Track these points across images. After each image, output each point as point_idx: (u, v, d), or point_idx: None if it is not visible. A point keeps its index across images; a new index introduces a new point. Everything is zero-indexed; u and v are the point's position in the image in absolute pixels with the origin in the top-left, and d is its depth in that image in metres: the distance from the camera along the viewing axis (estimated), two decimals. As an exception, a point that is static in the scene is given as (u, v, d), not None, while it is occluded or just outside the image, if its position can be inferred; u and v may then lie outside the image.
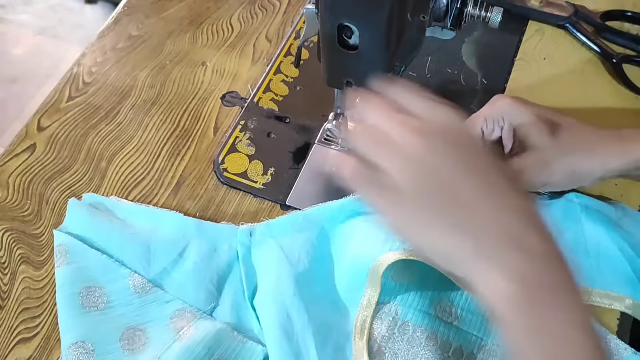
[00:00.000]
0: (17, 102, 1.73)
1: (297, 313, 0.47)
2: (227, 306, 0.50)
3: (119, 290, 0.50)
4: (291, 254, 0.50)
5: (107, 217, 0.53)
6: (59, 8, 1.99)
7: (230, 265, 0.51)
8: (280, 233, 0.51)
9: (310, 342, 0.46)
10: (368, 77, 0.47)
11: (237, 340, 0.47)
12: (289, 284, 0.48)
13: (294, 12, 0.71)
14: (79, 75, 0.66)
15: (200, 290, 0.50)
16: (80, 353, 0.46)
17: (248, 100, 0.63)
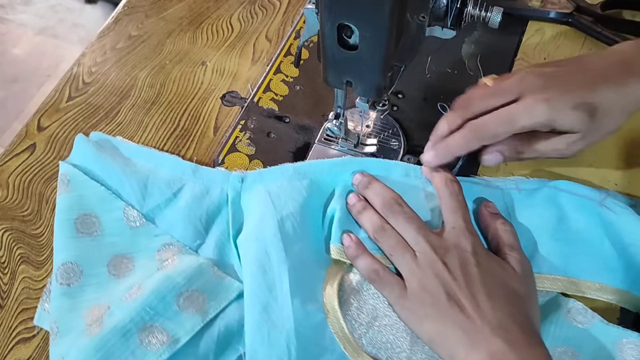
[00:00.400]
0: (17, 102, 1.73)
1: (275, 250, 0.49)
2: (212, 244, 0.52)
3: (112, 221, 0.53)
4: (278, 199, 0.52)
5: (110, 153, 0.57)
6: (59, 8, 1.99)
7: (220, 207, 0.54)
8: (270, 180, 0.54)
9: (284, 278, 0.48)
10: (368, 77, 0.47)
11: (216, 275, 0.50)
12: (271, 224, 0.50)
13: (294, 12, 0.71)
14: (79, 75, 0.66)
15: (189, 228, 0.53)
16: (69, 272, 0.50)
17: (248, 100, 0.63)
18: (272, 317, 0.46)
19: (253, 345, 0.45)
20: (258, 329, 0.46)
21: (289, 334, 0.45)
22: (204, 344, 0.47)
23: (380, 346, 0.47)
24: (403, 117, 0.61)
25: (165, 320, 0.47)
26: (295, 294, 0.47)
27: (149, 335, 0.46)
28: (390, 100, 0.60)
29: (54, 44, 1.88)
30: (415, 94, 0.62)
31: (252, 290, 0.47)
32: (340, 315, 0.47)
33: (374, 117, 0.60)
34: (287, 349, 0.45)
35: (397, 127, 0.59)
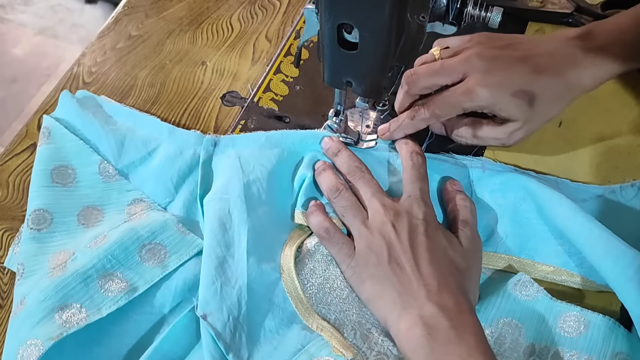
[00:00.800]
0: (17, 102, 1.73)
1: (237, 211, 0.50)
2: (180, 203, 0.54)
3: (87, 174, 0.55)
4: (246, 164, 0.54)
5: (93, 111, 0.59)
6: (59, 8, 1.99)
7: (191, 168, 0.56)
8: (242, 146, 0.56)
9: (243, 236, 0.49)
10: (368, 77, 0.47)
11: (180, 231, 0.52)
12: (236, 186, 0.52)
13: (294, 12, 0.71)
14: (79, 75, 0.66)
15: (160, 186, 0.55)
16: (40, 218, 0.52)
17: (248, 100, 0.63)
18: (226, 273, 0.48)
19: (205, 297, 0.47)
20: (212, 282, 0.47)
21: (241, 288, 0.47)
22: (161, 295, 0.49)
23: (329, 308, 0.48)
24: (403, 117, 0.60)
25: (126, 269, 0.49)
26: (252, 253, 0.49)
27: (108, 282, 0.48)
28: (390, 100, 0.60)
29: (53, 44, 1.88)
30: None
31: (210, 246, 0.49)
32: (294, 275, 0.49)
33: (374, 117, 0.59)
34: (237, 302, 0.46)
35: (397, 127, 0.59)
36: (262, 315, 0.47)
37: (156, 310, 0.48)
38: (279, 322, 0.48)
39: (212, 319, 0.45)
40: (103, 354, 0.47)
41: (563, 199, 0.50)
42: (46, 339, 0.44)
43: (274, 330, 0.47)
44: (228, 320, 0.46)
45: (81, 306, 0.46)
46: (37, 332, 0.44)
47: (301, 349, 0.46)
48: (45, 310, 0.45)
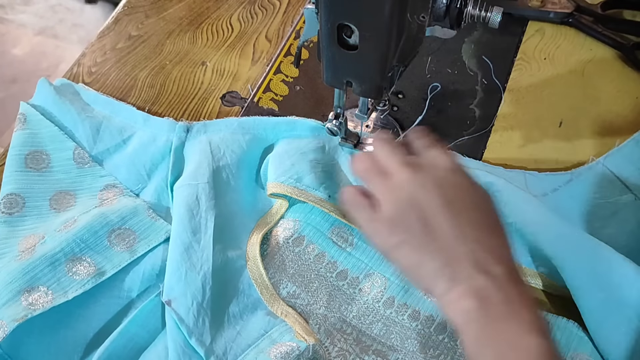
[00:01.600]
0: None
1: (205, 197, 0.51)
2: (152, 189, 0.55)
3: (61, 159, 0.55)
4: (217, 149, 0.54)
5: (70, 98, 0.60)
6: (59, 8, 1.99)
7: (164, 154, 0.56)
8: (214, 132, 0.56)
9: (210, 223, 0.50)
10: (368, 77, 0.47)
11: (150, 217, 0.52)
12: (205, 172, 0.52)
13: (294, 12, 0.71)
14: (79, 75, 0.66)
15: (133, 172, 0.56)
16: (12, 202, 0.52)
17: (248, 100, 0.63)
18: (192, 259, 0.48)
19: (170, 283, 0.47)
20: (177, 268, 0.47)
21: (205, 274, 0.47)
22: (129, 280, 0.49)
23: (296, 300, 0.49)
24: (403, 117, 0.61)
25: (94, 253, 0.49)
26: (218, 240, 0.49)
27: (76, 265, 0.48)
28: (390, 100, 0.60)
29: (53, 44, 1.88)
30: (415, 94, 0.62)
31: (177, 232, 0.49)
32: (260, 263, 0.49)
33: (374, 117, 0.59)
34: (202, 288, 0.47)
35: (397, 127, 0.59)
36: (227, 301, 0.48)
37: (124, 295, 0.49)
38: (243, 307, 0.48)
39: (175, 305, 0.46)
40: (70, 336, 0.47)
41: (528, 198, 0.50)
42: (10, 320, 0.44)
43: (238, 316, 0.48)
44: (192, 305, 0.46)
45: (47, 289, 0.47)
46: (3, 313, 0.45)
47: (264, 334, 0.47)
48: (11, 292, 0.46)
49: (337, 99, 0.53)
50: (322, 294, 0.49)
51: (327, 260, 0.51)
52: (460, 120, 0.60)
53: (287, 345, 0.45)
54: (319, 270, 0.50)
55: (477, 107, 0.61)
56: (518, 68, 0.64)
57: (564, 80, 0.63)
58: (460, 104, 0.61)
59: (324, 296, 0.49)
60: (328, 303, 0.49)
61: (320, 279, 0.50)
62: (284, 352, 0.45)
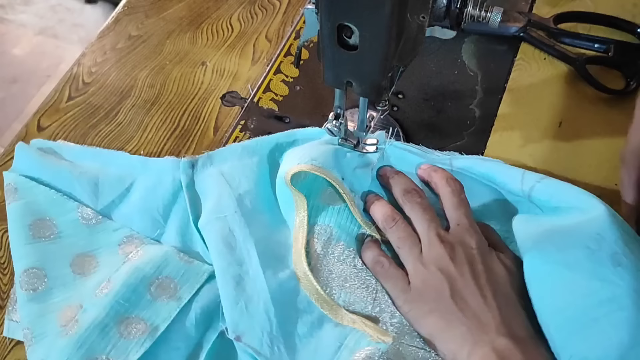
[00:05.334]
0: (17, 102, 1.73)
1: (238, 227, 0.50)
2: (173, 232, 0.53)
3: (68, 222, 0.52)
4: (232, 179, 0.53)
5: (54, 158, 0.56)
6: (59, 8, 1.99)
7: (175, 194, 0.54)
8: (220, 161, 0.55)
9: (252, 251, 0.49)
10: (368, 77, 0.47)
11: (184, 261, 0.50)
12: (229, 203, 0.51)
13: (294, 12, 0.71)
14: (78, 75, 0.66)
15: (147, 219, 0.53)
16: (33, 278, 0.49)
17: (248, 100, 0.63)
18: (247, 290, 0.47)
19: (233, 319, 0.46)
20: (235, 303, 0.46)
21: (266, 303, 0.47)
22: (183, 328, 0.48)
23: (355, 307, 0.49)
24: (403, 117, 0.61)
25: (140, 310, 0.47)
26: (266, 265, 0.48)
27: (127, 327, 0.46)
28: (390, 100, 0.60)
29: (53, 44, 1.88)
30: (415, 94, 0.62)
31: (222, 268, 0.48)
32: (312, 279, 0.48)
33: (374, 117, 0.59)
34: (267, 317, 0.46)
35: (397, 127, 0.59)
36: (293, 323, 0.47)
37: (182, 345, 0.47)
38: (310, 325, 0.47)
39: (246, 339, 0.45)
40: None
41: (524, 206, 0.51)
42: None
43: (309, 335, 0.47)
44: (262, 336, 0.45)
45: (107, 357, 0.45)
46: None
47: (340, 345, 0.46)
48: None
49: (337, 99, 0.53)
50: (370, 295, 0.49)
51: None
52: (460, 120, 0.60)
53: (367, 350, 0.45)
54: (362, 272, 0.50)
55: (477, 107, 0.61)
56: (518, 68, 0.64)
57: (564, 80, 0.63)
58: (460, 104, 0.61)
59: (372, 296, 0.49)
60: (379, 302, 0.48)
61: (364, 280, 0.50)
62: (365, 356, 0.44)
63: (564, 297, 0.43)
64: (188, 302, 0.48)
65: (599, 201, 0.47)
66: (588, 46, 0.65)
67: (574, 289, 0.43)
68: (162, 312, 0.47)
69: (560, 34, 0.65)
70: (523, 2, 0.69)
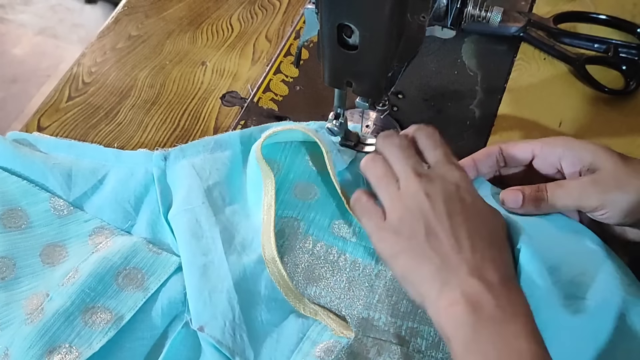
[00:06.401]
0: (17, 102, 1.73)
1: (205, 217, 0.50)
2: (144, 223, 0.53)
3: (39, 212, 0.53)
4: (202, 171, 0.53)
5: (28, 150, 0.56)
6: (59, 8, 1.99)
7: (147, 187, 0.54)
8: (192, 154, 0.55)
9: (217, 239, 0.49)
10: (368, 77, 0.47)
11: (152, 252, 0.50)
12: (198, 195, 0.51)
13: (294, 12, 0.71)
14: (78, 75, 0.66)
15: (118, 210, 0.53)
16: (2, 267, 0.50)
17: (248, 100, 0.63)
18: (211, 280, 0.47)
19: (197, 310, 0.46)
20: (199, 293, 0.47)
21: (229, 291, 0.47)
22: (148, 318, 0.48)
23: (320, 300, 0.49)
24: (403, 117, 0.61)
25: (106, 299, 0.48)
26: (230, 252, 0.49)
27: (92, 315, 0.47)
28: (390, 100, 0.60)
29: (53, 44, 1.88)
30: (415, 94, 0.62)
31: (188, 259, 0.49)
32: (280, 265, 0.48)
33: (374, 117, 0.59)
34: (229, 305, 0.46)
35: (397, 127, 0.59)
36: (256, 310, 0.48)
37: (148, 335, 0.47)
38: (273, 312, 0.48)
39: (209, 329, 0.45)
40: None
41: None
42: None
43: (272, 323, 0.47)
44: (225, 325, 0.45)
45: (70, 345, 0.45)
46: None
47: (303, 337, 0.46)
48: (33, 357, 0.44)
49: (337, 99, 0.53)
50: (341, 288, 0.49)
51: (336, 254, 0.51)
52: (460, 120, 0.60)
53: (329, 343, 0.45)
54: (332, 265, 0.50)
55: (477, 107, 0.61)
56: (518, 68, 0.64)
57: (564, 80, 0.63)
58: (460, 104, 0.61)
59: (344, 289, 0.49)
60: (349, 295, 0.49)
61: (335, 273, 0.50)
62: (326, 348, 0.45)
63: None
64: (155, 293, 0.49)
65: None
66: (588, 46, 0.65)
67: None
68: (128, 302, 0.48)
69: (560, 34, 0.65)
70: (523, 2, 0.69)
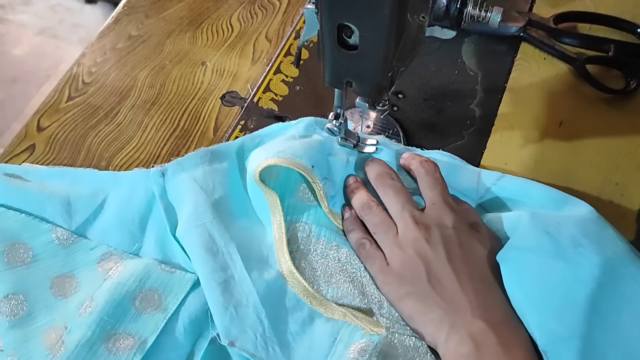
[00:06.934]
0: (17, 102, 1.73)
1: (218, 233, 0.50)
2: (151, 244, 0.52)
3: (43, 244, 0.51)
4: (205, 185, 0.53)
5: (21, 182, 0.54)
6: (59, 8, 1.99)
7: (150, 205, 0.53)
8: (191, 167, 0.54)
9: (235, 255, 0.49)
10: (368, 77, 0.47)
11: (165, 272, 0.50)
12: (206, 209, 0.51)
13: (294, 12, 0.71)
14: (78, 75, 0.66)
15: (124, 233, 0.52)
16: (13, 304, 0.48)
17: (248, 100, 0.63)
18: (235, 295, 0.47)
19: (224, 325, 0.46)
20: (225, 308, 0.46)
21: (255, 305, 0.46)
22: (172, 339, 0.47)
23: (343, 300, 0.49)
24: (403, 117, 0.61)
25: (126, 325, 0.47)
26: (250, 268, 0.48)
27: (115, 343, 0.46)
28: (390, 100, 0.60)
29: (53, 44, 1.88)
30: (415, 94, 0.62)
31: (206, 275, 0.48)
32: (299, 276, 0.48)
33: (374, 117, 0.59)
34: (258, 319, 0.46)
35: (397, 127, 0.59)
36: (284, 322, 0.47)
37: (174, 355, 0.47)
38: (301, 323, 0.47)
39: (240, 343, 0.45)
40: None
41: None
42: None
43: (301, 332, 0.47)
44: (256, 339, 0.45)
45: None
46: None
47: (334, 340, 0.46)
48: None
49: (337, 99, 0.53)
50: (357, 288, 0.49)
51: (348, 254, 0.51)
52: (460, 120, 0.60)
53: (362, 342, 0.45)
54: (346, 265, 0.50)
55: (477, 107, 0.61)
56: (518, 68, 0.64)
57: (564, 80, 0.63)
58: (460, 104, 0.61)
59: (359, 289, 0.49)
60: (366, 294, 0.49)
61: (350, 273, 0.50)
62: (360, 349, 0.44)
63: (533, 279, 0.44)
64: (175, 312, 0.48)
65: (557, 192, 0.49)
66: (588, 46, 0.65)
67: (541, 271, 0.44)
68: (149, 325, 0.47)
69: (560, 33, 0.65)
70: (523, 2, 0.69)
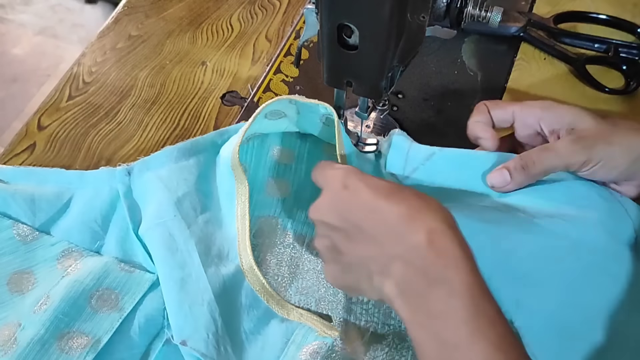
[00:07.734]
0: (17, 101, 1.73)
1: (178, 230, 0.49)
2: (113, 242, 0.52)
3: (3, 240, 0.51)
4: (170, 182, 0.52)
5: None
6: (59, 8, 1.99)
7: (113, 204, 0.53)
8: (157, 166, 0.54)
9: (193, 253, 0.48)
10: (368, 77, 0.47)
11: (124, 271, 0.49)
12: (168, 208, 0.50)
13: (294, 12, 0.71)
14: (79, 75, 0.66)
15: (85, 232, 0.52)
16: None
17: (248, 100, 0.63)
18: (190, 293, 0.46)
19: (178, 324, 0.45)
20: (179, 307, 0.46)
21: (210, 303, 0.46)
22: (127, 339, 0.47)
23: (308, 291, 0.49)
24: (403, 117, 0.61)
25: (81, 323, 0.46)
26: (208, 264, 0.48)
27: (68, 341, 0.45)
28: (390, 100, 0.60)
29: (53, 44, 1.88)
30: (415, 94, 0.62)
31: (165, 273, 0.48)
32: (258, 273, 0.47)
33: (374, 117, 0.59)
34: (211, 317, 0.46)
35: (397, 127, 0.59)
36: (238, 320, 0.47)
37: (127, 355, 0.46)
38: (256, 321, 0.47)
39: (192, 343, 0.44)
40: None
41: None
42: None
43: (255, 332, 0.47)
44: (208, 338, 0.45)
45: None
46: None
47: (287, 341, 0.46)
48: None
49: (337, 99, 0.53)
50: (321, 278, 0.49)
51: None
52: (460, 120, 0.60)
53: (314, 345, 0.45)
54: (316, 255, 0.50)
55: (477, 107, 0.61)
56: (518, 68, 0.64)
57: (564, 80, 0.63)
58: (460, 104, 0.61)
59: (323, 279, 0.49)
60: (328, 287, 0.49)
61: (319, 262, 0.50)
62: (312, 351, 0.44)
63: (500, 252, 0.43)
64: (131, 312, 0.47)
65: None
66: (588, 46, 0.65)
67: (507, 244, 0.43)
68: (104, 324, 0.46)
69: (560, 34, 0.65)
70: (523, 2, 0.69)
